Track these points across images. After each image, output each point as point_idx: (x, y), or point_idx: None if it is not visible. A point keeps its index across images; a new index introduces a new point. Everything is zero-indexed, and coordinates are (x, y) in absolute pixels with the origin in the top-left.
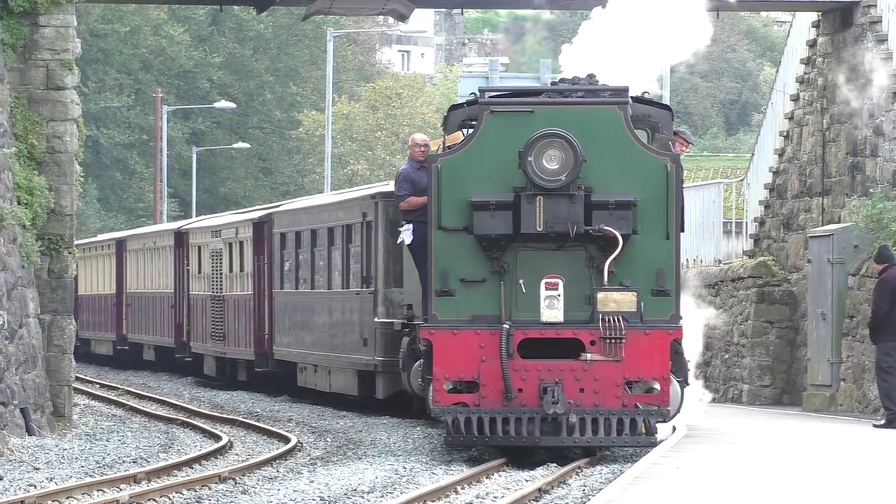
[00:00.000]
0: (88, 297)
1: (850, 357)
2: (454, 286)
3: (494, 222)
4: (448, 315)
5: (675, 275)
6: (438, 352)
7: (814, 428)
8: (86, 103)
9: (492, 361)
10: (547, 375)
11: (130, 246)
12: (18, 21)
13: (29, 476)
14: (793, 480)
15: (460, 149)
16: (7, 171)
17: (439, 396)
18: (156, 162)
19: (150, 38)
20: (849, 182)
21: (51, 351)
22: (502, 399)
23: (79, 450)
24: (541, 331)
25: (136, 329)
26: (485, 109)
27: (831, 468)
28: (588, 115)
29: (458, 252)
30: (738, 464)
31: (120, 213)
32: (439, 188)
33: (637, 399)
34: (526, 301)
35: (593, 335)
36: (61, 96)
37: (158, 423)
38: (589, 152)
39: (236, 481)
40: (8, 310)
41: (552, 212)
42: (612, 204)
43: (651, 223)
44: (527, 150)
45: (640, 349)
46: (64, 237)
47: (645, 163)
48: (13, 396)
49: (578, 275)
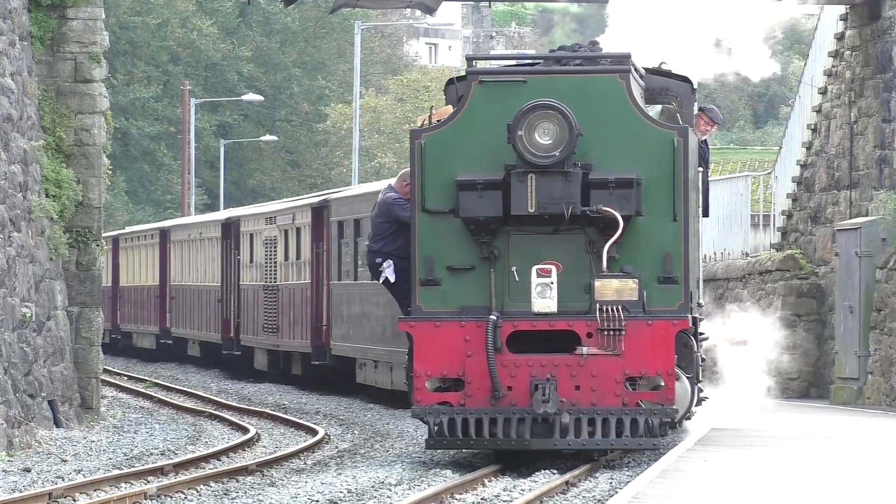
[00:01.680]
0: (130, 289)
1: (877, 350)
2: (440, 274)
3: (483, 204)
4: (434, 306)
5: (685, 260)
6: (419, 347)
7: (841, 421)
8: (114, 95)
9: (478, 357)
10: (539, 371)
11: (174, 236)
12: (46, 14)
13: (57, 468)
14: (820, 474)
15: (446, 123)
16: (35, 163)
17: (420, 395)
18: (184, 154)
19: (178, 31)
20: (876, 175)
21: (79, 343)
22: (490, 398)
23: (107, 442)
24: (532, 322)
25: (181, 323)
26: (473, 80)
27: (859, 462)
28: (586, 84)
29: (444, 237)
30: (765, 457)
31: (148, 206)
32: (423, 167)
33: (639, 397)
34: (519, 290)
35: (590, 327)
36: (89, 89)
37: (186, 416)
38: (586, 125)
39: (263, 474)
40: (36, 302)
41: (545, 191)
42: (613, 182)
43: (657, 203)
44: (517, 124)
45: (642, 342)
46: (92, 230)
47: (649, 137)
48: (41, 388)
49: (577, 261)
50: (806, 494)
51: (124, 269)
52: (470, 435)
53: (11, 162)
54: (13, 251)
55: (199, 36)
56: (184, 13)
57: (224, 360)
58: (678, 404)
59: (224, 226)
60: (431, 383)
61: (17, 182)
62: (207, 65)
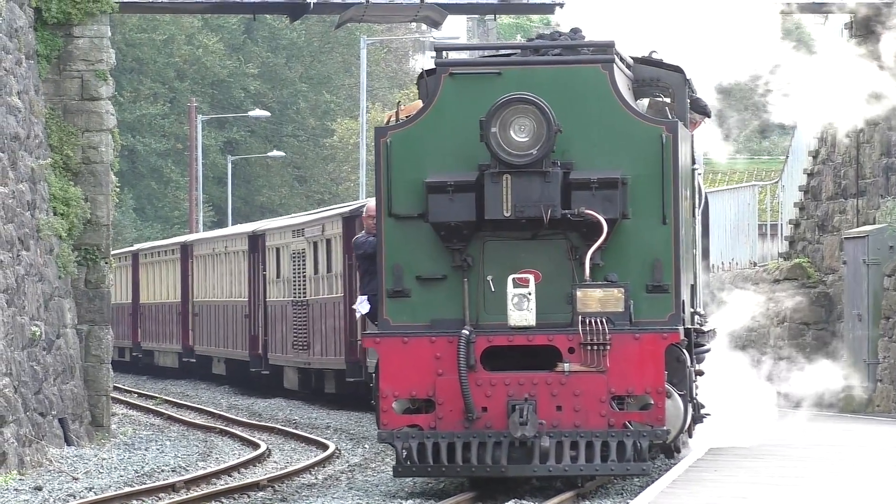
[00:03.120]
0: (151, 306)
1: (886, 358)
2: (409, 285)
3: (454, 207)
4: (402, 320)
5: (675, 267)
6: (385, 364)
7: (850, 429)
8: (121, 112)
9: (450, 375)
10: (516, 391)
11: (197, 251)
12: (52, 32)
13: (68, 486)
14: (830, 481)
15: (414, 120)
16: (43, 182)
17: (387, 418)
18: (191, 171)
19: (184, 48)
20: (883, 183)
21: (88, 361)
22: (463, 420)
23: (117, 459)
24: (509, 337)
25: (205, 340)
26: (443, 72)
27: (868, 469)
28: (566, 75)
29: (413, 244)
30: (774, 464)
31: (156, 223)
32: (389, 167)
33: (626, 417)
34: (495, 302)
35: (572, 341)
36: (96, 107)
37: (197, 432)
38: (566, 120)
39: (275, 489)
40: (45, 320)
41: (522, 193)
42: (596, 182)
43: (644, 205)
44: (490, 120)
45: (629, 357)
46: (100, 247)
47: (635, 132)
48: (51, 407)
49: (558, 269)
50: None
51: (144, 286)
52: (441, 461)
53: (19, 181)
54: (22, 270)
55: (205, 52)
56: (189, 30)
57: (251, 378)
58: (669, 424)
59: (251, 238)
60: (400, 404)
61: (25, 201)
62: (214, 81)
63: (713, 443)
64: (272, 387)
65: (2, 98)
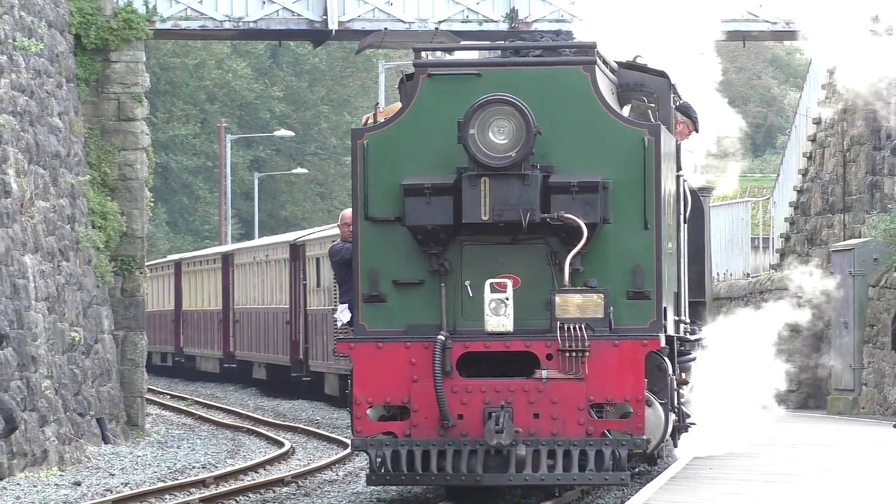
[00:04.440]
0: (193, 313)
1: (871, 363)
2: (385, 290)
3: (431, 211)
4: (379, 325)
5: (657, 273)
6: (359, 371)
7: (838, 430)
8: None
9: (425, 381)
10: (493, 398)
11: (238, 260)
12: (91, 57)
13: (105, 482)
14: (819, 479)
15: (391, 121)
16: (82, 197)
17: (361, 425)
18: (220, 187)
19: (214, 72)
20: (868, 199)
21: (124, 364)
22: (438, 427)
23: (151, 457)
24: (486, 343)
25: (245, 346)
26: (421, 73)
27: (856, 467)
28: (547, 77)
29: (390, 248)
30: (766, 462)
31: (187, 235)
32: (366, 170)
33: (605, 426)
34: (473, 307)
35: (550, 348)
36: (132, 127)
37: (225, 431)
38: (547, 123)
39: (298, 485)
40: (84, 326)
41: (500, 197)
42: (576, 186)
43: (625, 209)
44: (468, 121)
45: (608, 364)
46: (135, 258)
47: (617, 135)
48: (90, 407)
49: (537, 274)
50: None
51: (186, 294)
52: (416, 469)
53: (60, 196)
54: (62, 279)
55: (233, 77)
56: (219, 55)
57: (292, 383)
58: (650, 433)
59: (292, 248)
60: (375, 411)
61: (65, 215)
62: (242, 103)
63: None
64: (314, 392)
65: (44, 119)
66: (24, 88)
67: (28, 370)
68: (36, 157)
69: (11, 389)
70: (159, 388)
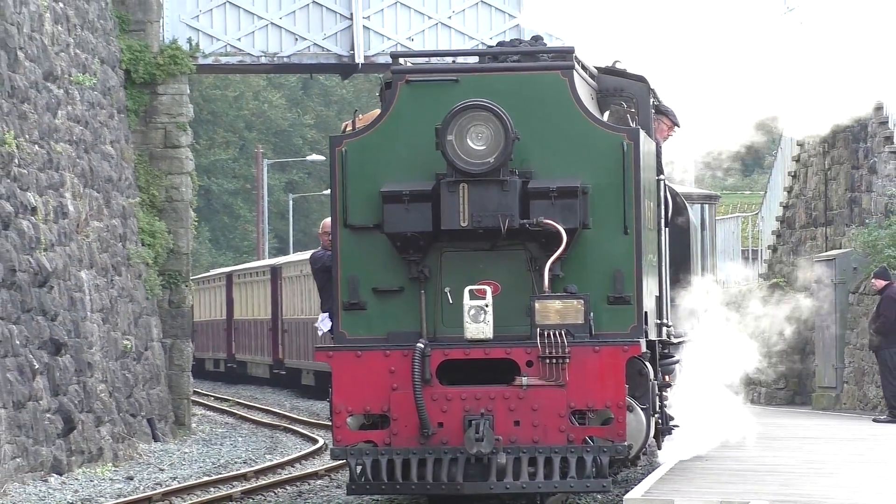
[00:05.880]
0: (244, 322)
1: (851, 363)
2: (365, 297)
3: (410, 217)
4: (359, 333)
5: (637, 278)
6: (339, 379)
7: (822, 423)
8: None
9: (405, 389)
10: (473, 405)
11: (286, 273)
12: (140, 90)
13: (155, 476)
14: (805, 459)
15: (370, 128)
16: (133, 217)
17: (341, 434)
18: (258, 207)
19: (251, 103)
20: (848, 214)
21: (172, 369)
22: (418, 436)
23: (197, 453)
24: (465, 350)
25: (294, 354)
26: (399, 80)
27: (839, 453)
28: (525, 82)
29: (369, 256)
30: (756, 453)
31: (228, 251)
32: (344, 177)
33: (586, 432)
34: (453, 314)
35: (530, 354)
36: (177, 153)
37: (264, 429)
38: (525, 128)
39: (331, 478)
40: (135, 335)
41: (479, 203)
42: (555, 191)
43: (605, 214)
44: (446, 127)
45: (589, 371)
46: (181, 273)
47: (596, 140)
48: (141, 408)
49: (517, 280)
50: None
51: (237, 304)
52: (396, 478)
53: (112, 216)
54: (115, 292)
55: (269, 107)
56: (256, 87)
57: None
58: (631, 439)
59: None
60: (355, 420)
61: (117, 234)
62: (276, 131)
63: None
64: None
65: (97, 146)
66: (80, 119)
67: (84, 375)
68: (90, 181)
69: (70, 393)
70: (211, 392)
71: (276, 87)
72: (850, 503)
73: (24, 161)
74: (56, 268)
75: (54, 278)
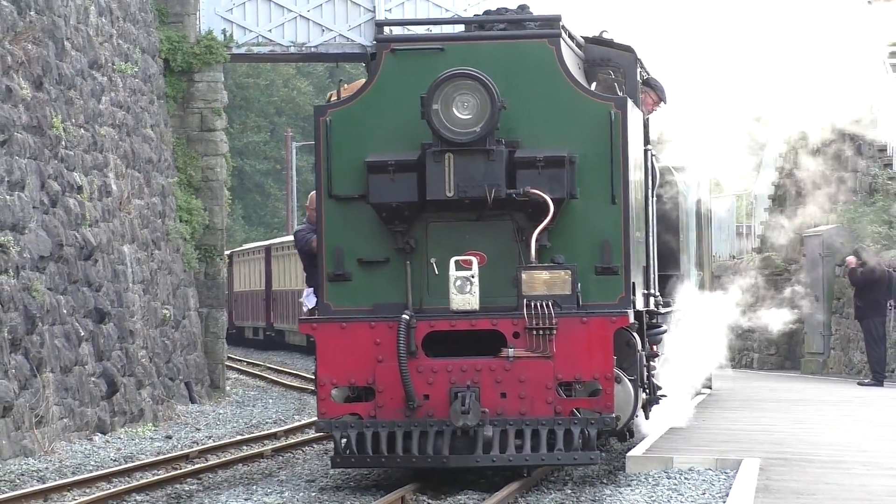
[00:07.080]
0: (281, 292)
1: (837, 330)
2: (350, 269)
3: (395, 188)
4: (344, 304)
5: (625, 248)
6: (323, 351)
7: (810, 387)
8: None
9: (390, 362)
10: (459, 378)
11: None
12: (178, 78)
13: (192, 435)
14: (795, 420)
15: (354, 98)
16: (171, 196)
17: (325, 407)
18: (288, 187)
19: (281, 90)
20: (834, 192)
21: (207, 337)
22: (404, 409)
23: (231, 414)
24: (451, 322)
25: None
26: (384, 49)
27: (826, 415)
28: (511, 51)
29: (354, 226)
30: (752, 411)
31: (259, 227)
32: (329, 147)
33: (573, 404)
34: (439, 285)
35: (517, 326)
36: (212, 136)
37: (293, 392)
38: (512, 97)
39: None
40: (174, 305)
41: (465, 173)
42: (542, 161)
43: (593, 184)
44: (431, 96)
45: (576, 342)
46: (216, 247)
47: (583, 109)
48: (179, 373)
49: (504, 251)
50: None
51: (276, 276)
52: (382, 451)
53: (152, 195)
54: (155, 265)
55: (298, 94)
56: (286, 75)
57: None
58: (619, 411)
59: None
60: (340, 392)
61: (157, 211)
62: (304, 116)
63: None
64: None
65: (139, 130)
66: (122, 104)
67: (127, 342)
68: (132, 162)
69: (113, 358)
70: (253, 359)
71: (304, 76)
72: (836, 460)
73: (70, 143)
74: (100, 242)
75: (99, 252)
